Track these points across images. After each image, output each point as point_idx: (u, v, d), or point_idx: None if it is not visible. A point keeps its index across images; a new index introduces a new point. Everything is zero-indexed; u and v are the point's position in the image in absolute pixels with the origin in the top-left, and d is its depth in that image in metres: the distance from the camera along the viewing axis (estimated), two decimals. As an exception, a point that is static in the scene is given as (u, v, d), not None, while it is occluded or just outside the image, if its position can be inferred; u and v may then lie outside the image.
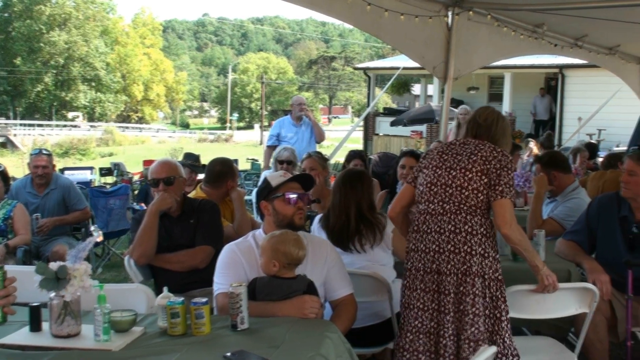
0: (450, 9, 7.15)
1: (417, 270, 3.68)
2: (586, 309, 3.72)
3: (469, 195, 3.57)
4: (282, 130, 9.00)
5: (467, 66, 7.68)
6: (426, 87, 28.75)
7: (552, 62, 21.14)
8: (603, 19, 7.82)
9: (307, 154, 6.22)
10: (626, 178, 4.34)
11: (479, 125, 3.83)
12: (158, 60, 71.27)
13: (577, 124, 18.17)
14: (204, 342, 2.85)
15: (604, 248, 4.49)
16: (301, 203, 3.55)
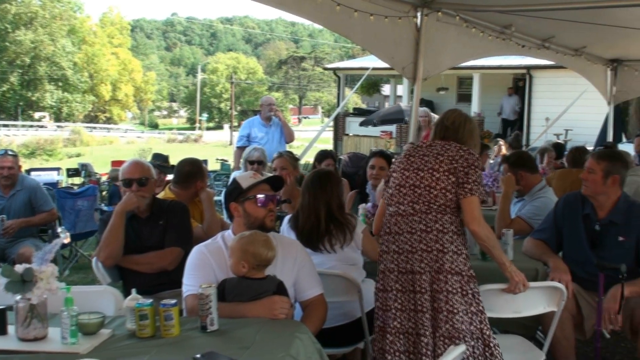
0: (419, 9, 7.18)
1: (390, 271, 3.71)
2: (554, 308, 3.76)
3: (437, 195, 3.63)
4: (252, 130, 8.97)
5: (436, 67, 7.71)
6: (396, 88, 28.88)
7: (520, 63, 21.36)
8: (569, 20, 7.91)
9: (278, 153, 6.22)
10: (585, 175, 4.41)
11: (446, 128, 3.89)
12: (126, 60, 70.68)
13: (545, 124, 18.37)
14: (173, 344, 2.83)
15: (569, 246, 4.56)
16: (272, 205, 3.54)
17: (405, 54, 7.25)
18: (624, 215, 4.32)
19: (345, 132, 25.34)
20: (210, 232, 4.43)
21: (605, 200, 4.37)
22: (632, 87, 12.54)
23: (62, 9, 63.80)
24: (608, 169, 4.31)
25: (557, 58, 10.48)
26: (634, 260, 4.26)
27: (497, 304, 3.69)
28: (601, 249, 4.34)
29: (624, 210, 4.34)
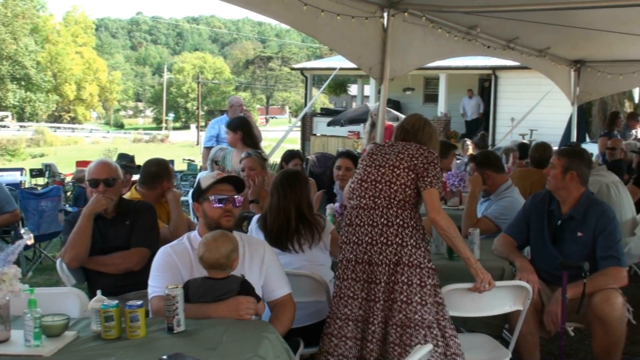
0: (386, 10, 7.21)
1: (348, 261, 3.84)
2: (520, 307, 3.80)
3: (397, 190, 3.80)
4: (221, 130, 8.92)
5: (402, 67, 7.75)
6: (363, 88, 28.97)
7: (486, 64, 21.56)
8: (534, 21, 8.00)
9: (246, 153, 6.19)
10: (547, 171, 4.57)
11: (406, 131, 4.10)
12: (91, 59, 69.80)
13: (510, 124, 18.55)
14: (139, 345, 2.81)
15: (534, 241, 4.66)
16: (229, 205, 3.50)
17: (372, 54, 7.27)
18: (583, 212, 4.44)
19: (312, 132, 25.36)
20: (177, 233, 4.40)
21: (567, 195, 4.49)
22: (595, 88, 12.72)
23: (25, 7, 62.70)
24: (567, 165, 4.46)
25: (521, 59, 10.59)
26: (590, 257, 4.35)
27: (463, 303, 3.72)
28: (560, 243, 4.46)
29: (584, 207, 4.46)
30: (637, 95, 17.29)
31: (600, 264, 4.32)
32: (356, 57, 7.18)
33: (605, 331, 4.06)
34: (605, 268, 4.28)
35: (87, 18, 75.89)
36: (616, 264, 4.29)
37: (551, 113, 17.78)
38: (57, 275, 4.64)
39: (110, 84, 72.79)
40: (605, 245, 4.32)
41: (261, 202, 5.48)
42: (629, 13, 7.58)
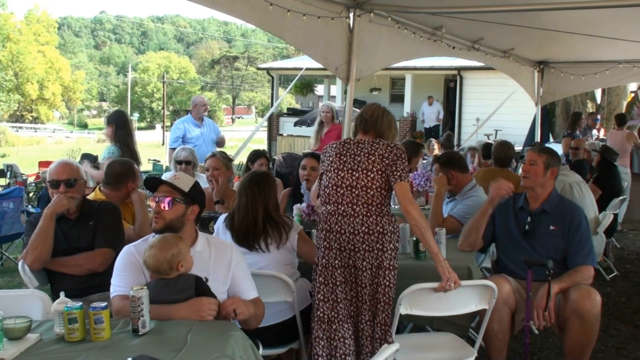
0: (352, 10, 7.22)
1: (334, 267, 3.96)
2: (486, 306, 3.83)
3: (374, 195, 3.91)
4: (186, 130, 8.88)
5: (369, 67, 7.77)
6: (329, 88, 29.00)
7: (451, 64, 21.74)
8: (498, 22, 8.08)
9: (211, 153, 6.16)
10: (527, 167, 4.65)
11: (365, 121, 4.18)
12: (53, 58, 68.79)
13: (476, 124, 18.73)
14: (104, 347, 2.78)
15: (502, 240, 4.74)
16: (157, 207, 3.45)
17: (338, 54, 7.28)
18: (555, 207, 4.59)
19: (279, 132, 25.33)
20: (142, 234, 4.35)
21: (541, 192, 4.63)
22: (558, 89, 12.89)
23: (-17, 6, 61.77)
24: (548, 162, 4.63)
25: (486, 60, 10.70)
26: (563, 250, 4.47)
27: (429, 303, 3.74)
28: (533, 236, 4.56)
29: (556, 202, 4.63)
30: (599, 96, 17.55)
31: (572, 261, 4.42)
32: (322, 57, 7.19)
33: (583, 328, 4.14)
34: (577, 265, 4.39)
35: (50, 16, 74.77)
36: (589, 262, 4.43)
37: (515, 113, 18.00)
38: (19, 277, 4.58)
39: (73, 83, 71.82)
40: (580, 243, 4.45)
41: (227, 202, 5.45)
42: (592, 15, 7.70)
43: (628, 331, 5.94)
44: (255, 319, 3.46)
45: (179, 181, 3.55)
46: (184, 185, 3.54)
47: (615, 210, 7.81)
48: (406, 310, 3.71)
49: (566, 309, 4.19)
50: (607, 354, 5.35)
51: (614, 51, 10.32)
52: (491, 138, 18.21)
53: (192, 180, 3.64)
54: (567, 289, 4.25)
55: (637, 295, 7.13)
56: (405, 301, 3.68)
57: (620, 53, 10.60)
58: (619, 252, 9.25)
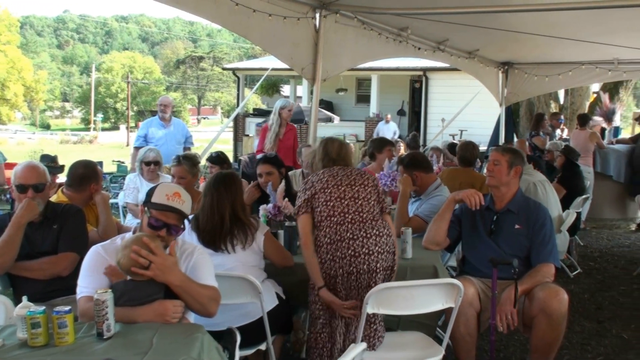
0: (318, 11, 7.23)
1: (350, 273, 3.99)
2: (452, 304, 3.85)
3: (374, 205, 4.15)
4: (149, 130, 8.81)
5: (335, 68, 7.78)
6: (295, 88, 29.01)
7: (417, 65, 21.86)
8: (463, 24, 8.15)
9: (177, 160, 6.05)
10: (491, 167, 4.73)
11: (334, 160, 4.36)
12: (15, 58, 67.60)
13: (441, 124, 18.85)
14: (68, 352, 2.74)
15: (468, 239, 4.79)
16: (163, 232, 3.36)
17: (304, 54, 7.28)
18: (521, 207, 4.67)
19: (245, 133, 25.25)
20: (106, 236, 4.29)
21: (506, 191, 4.70)
22: (522, 89, 13.05)
23: (-57, 4, 60.56)
24: (512, 160, 4.71)
25: (451, 60, 10.78)
26: (527, 248, 4.54)
27: (396, 302, 3.75)
28: (498, 235, 4.61)
29: (521, 202, 4.71)
30: (562, 97, 17.77)
31: (535, 259, 4.50)
32: (288, 57, 7.18)
33: (550, 326, 4.19)
34: (539, 263, 4.47)
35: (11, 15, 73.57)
36: (551, 260, 4.50)
37: (480, 114, 18.17)
38: (-20, 281, 4.48)
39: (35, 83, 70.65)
40: (543, 241, 4.53)
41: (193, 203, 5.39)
42: (554, 17, 7.80)
43: (592, 327, 6.02)
44: (196, 299, 3.27)
45: (186, 205, 3.48)
46: (188, 209, 3.51)
47: (579, 208, 7.93)
48: (373, 310, 3.71)
49: (533, 307, 4.23)
50: (572, 350, 5.43)
51: (577, 52, 10.48)
52: (456, 138, 18.35)
53: (189, 196, 3.58)
54: (530, 289, 4.31)
55: (600, 292, 7.24)
56: (372, 300, 3.68)
57: (582, 54, 10.76)
58: (583, 249, 9.38)
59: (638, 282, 7.69)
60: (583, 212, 9.51)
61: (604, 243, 10.11)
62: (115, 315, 2.92)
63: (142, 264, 3.09)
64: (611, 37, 8.89)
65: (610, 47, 9.40)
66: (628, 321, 6.20)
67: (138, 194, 6.75)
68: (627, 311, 6.54)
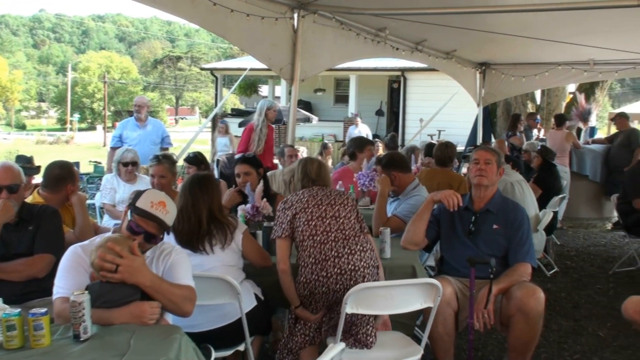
0: (296, 11, 7.23)
1: (335, 291, 3.99)
2: (431, 304, 3.86)
3: (354, 222, 4.19)
4: (124, 131, 8.76)
5: (313, 68, 7.78)
6: (274, 89, 28.95)
7: (395, 65, 21.90)
8: (441, 24, 8.18)
9: (156, 159, 6.02)
10: (484, 166, 4.72)
11: (314, 180, 4.39)
12: (-10, 57, 67.08)
13: (419, 124, 18.90)
14: (44, 354, 2.71)
15: (447, 241, 4.80)
16: (141, 239, 3.35)
17: (282, 55, 7.27)
18: (499, 207, 4.70)
19: (223, 133, 25.11)
20: (83, 238, 4.25)
21: (490, 191, 4.75)
22: (500, 90, 13.14)
23: None
24: (499, 161, 4.81)
25: (429, 61, 10.82)
26: (505, 248, 4.58)
27: (375, 302, 3.75)
28: (477, 235, 4.64)
29: (500, 202, 4.74)
30: (539, 97, 17.91)
31: (512, 259, 4.54)
32: (266, 57, 7.17)
33: (527, 325, 4.21)
34: (516, 263, 4.50)
35: (-14, 15, 72.83)
36: (528, 260, 4.54)
37: (458, 114, 18.28)
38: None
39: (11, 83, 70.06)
40: (520, 241, 4.56)
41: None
42: (531, 17, 7.86)
43: (568, 326, 6.07)
44: (169, 299, 3.23)
45: (169, 216, 3.46)
46: (171, 220, 3.49)
47: (555, 208, 7.99)
48: (352, 310, 3.71)
49: (510, 306, 4.26)
50: (549, 348, 5.47)
51: (553, 53, 10.56)
52: (434, 138, 18.41)
53: (175, 208, 3.56)
54: (507, 289, 4.34)
55: (576, 290, 7.30)
56: (351, 300, 3.68)
57: (559, 55, 10.85)
58: (559, 248, 9.46)
59: (614, 280, 7.77)
60: (560, 212, 9.58)
61: (580, 242, 10.20)
62: (92, 317, 2.90)
63: (108, 268, 3.06)
64: (587, 38, 8.97)
65: (586, 47, 9.48)
66: (604, 319, 6.26)
67: (115, 195, 6.70)
68: (603, 309, 6.60)
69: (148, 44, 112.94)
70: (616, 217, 10.57)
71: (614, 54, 10.03)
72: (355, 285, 3.83)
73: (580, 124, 14.57)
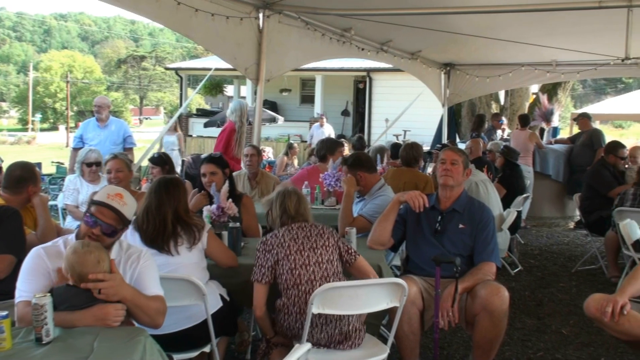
0: (261, 11, 7.21)
1: (320, 331, 3.91)
2: (397, 303, 3.87)
3: (337, 265, 4.04)
4: (86, 131, 8.66)
5: (278, 68, 7.77)
6: (239, 89, 28.85)
7: (361, 66, 21.96)
8: (406, 25, 8.22)
9: (112, 155, 5.98)
10: (449, 167, 4.73)
11: (293, 217, 4.16)
12: (-51, 56, 65.78)
13: (385, 124, 18.96)
14: (5, 358, 2.67)
15: (413, 238, 4.82)
16: (96, 230, 3.33)
17: (247, 55, 7.25)
18: (465, 207, 4.74)
19: (188, 134, 24.98)
20: (45, 239, 4.18)
21: (457, 191, 4.78)
22: (464, 90, 13.26)
23: None
24: (466, 162, 4.83)
25: (394, 61, 10.88)
26: (471, 248, 4.62)
27: (341, 302, 3.75)
28: (443, 234, 4.67)
29: (466, 202, 4.78)
30: (503, 97, 18.10)
31: (477, 258, 4.59)
32: (231, 57, 7.14)
33: (492, 323, 4.25)
34: (481, 262, 4.55)
35: (-56, 13, 71.46)
36: (492, 259, 4.59)
37: (423, 114, 18.39)
38: None
39: (-30, 82, 68.85)
40: (485, 241, 4.61)
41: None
42: (495, 19, 7.94)
43: (532, 323, 6.14)
44: (145, 312, 3.25)
45: (127, 209, 3.42)
46: (129, 215, 3.45)
47: (519, 207, 8.08)
48: (318, 310, 3.70)
49: (475, 305, 4.30)
50: (513, 346, 5.52)
51: (516, 54, 10.69)
52: (400, 138, 18.49)
53: (135, 203, 3.53)
54: (471, 287, 4.38)
55: (540, 288, 7.39)
56: (317, 300, 3.67)
57: (522, 56, 10.98)
58: (523, 247, 9.57)
59: (576, 278, 7.88)
60: (523, 211, 9.69)
61: (543, 241, 10.33)
62: (55, 320, 2.85)
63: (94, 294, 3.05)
64: (549, 39, 9.09)
65: (548, 49, 9.61)
66: (567, 317, 6.34)
67: (78, 196, 6.62)
68: (565, 307, 6.69)
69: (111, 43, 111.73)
70: (578, 216, 10.72)
71: (575, 55, 10.17)
72: (341, 317, 3.85)
73: (543, 124, 14.76)
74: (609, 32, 8.19)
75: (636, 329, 3.85)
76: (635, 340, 3.97)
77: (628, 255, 6.77)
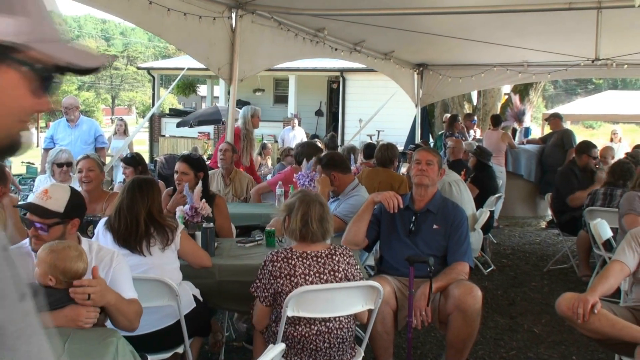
0: (234, 10, 7.18)
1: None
2: (372, 306, 3.88)
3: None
4: (56, 132, 8.57)
5: (252, 68, 7.75)
6: (212, 88, 28.73)
7: (334, 66, 21.98)
8: (378, 25, 8.24)
9: (84, 154, 5.93)
10: (425, 167, 4.75)
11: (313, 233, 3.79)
12: None
13: (358, 125, 18.99)
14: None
15: (387, 238, 4.83)
16: (31, 231, 3.33)
17: (220, 54, 7.22)
18: (439, 207, 4.76)
19: (161, 134, 24.84)
20: (14, 242, 4.13)
21: (431, 191, 4.80)
22: (437, 91, 13.32)
23: None
24: (440, 162, 4.86)
25: (368, 62, 10.90)
26: (444, 248, 4.65)
27: (316, 304, 3.74)
28: (417, 234, 4.69)
29: (440, 202, 4.80)
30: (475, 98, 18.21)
31: (450, 258, 4.61)
32: (204, 57, 7.12)
33: (465, 322, 4.27)
34: (453, 263, 4.58)
35: None
36: (465, 259, 4.62)
37: (397, 114, 18.46)
38: None
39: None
40: (458, 241, 4.64)
41: (102, 203, 5.32)
42: (467, 20, 7.99)
43: (505, 322, 6.19)
44: (125, 316, 3.25)
45: (52, 202, 3.37)
46: (58, 207, 3.38)
47: (492, 207, 8.13)
48: (293, 313, 3.68)
49: (448, 305, 4.32)
50: (486, 345, 5.56)
51: (488, 55, 10.76)
52: (374, 138, 18.53)
53: (66, 194, 3.45)
54: (445, 287, 4.41)
55: (512, 288, 7.44)
56: (292, 303, 3.65)
57: (494, 57, 11.06)
58: (496, 247, 9.63)
59: (548, 278, 7.95)
60: (496, 211, 9.76)
61: (516, 240, 10.40)
62: (23, 322, 2.80)
63: (81, 299, 3.01)
64: (521, 40, 9.16)
65: (520, 49, 9.69)
66: (539, 316, 6.40)
67: (49, 197, 6.53)
68: (538, 306, 6.74)
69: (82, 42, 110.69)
70: (550, 216, 10.82)
71: (546, 56, 10.27)
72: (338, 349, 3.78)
73: (515, 124, 14.88)
74: (579, 33, 8.28)
75: (606, 328, 3.89)
76: (606, 339, 4.01)
77: (599, 255, 6.84)
